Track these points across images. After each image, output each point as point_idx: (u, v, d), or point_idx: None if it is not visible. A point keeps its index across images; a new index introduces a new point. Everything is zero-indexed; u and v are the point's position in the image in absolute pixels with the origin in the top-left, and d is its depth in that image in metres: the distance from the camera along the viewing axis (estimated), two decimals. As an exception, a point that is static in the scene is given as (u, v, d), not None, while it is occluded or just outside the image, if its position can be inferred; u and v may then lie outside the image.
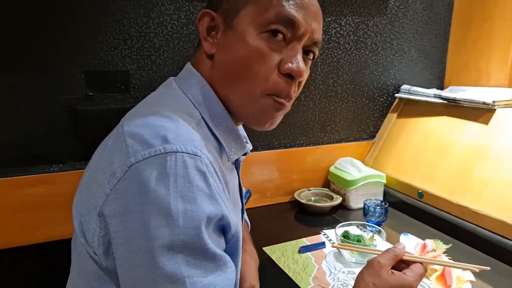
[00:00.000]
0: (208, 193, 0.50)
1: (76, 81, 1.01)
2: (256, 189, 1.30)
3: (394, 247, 0.65)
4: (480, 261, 0.99)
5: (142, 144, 0.50)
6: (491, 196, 1.04)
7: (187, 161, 0.49)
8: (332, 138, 1.41)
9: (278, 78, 0.60)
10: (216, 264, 0.51)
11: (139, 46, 1.06)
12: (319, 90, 1.34)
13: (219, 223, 0.53)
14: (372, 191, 1.31)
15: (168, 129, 0.51)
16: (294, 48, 0.60)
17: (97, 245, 0.52)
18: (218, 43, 0.62)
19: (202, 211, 0.49)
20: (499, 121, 1.13)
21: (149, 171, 0.48)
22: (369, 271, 0.62)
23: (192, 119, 0.58)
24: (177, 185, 0.48)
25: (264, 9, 0.58)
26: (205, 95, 0.62)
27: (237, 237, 0.59)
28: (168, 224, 0.47)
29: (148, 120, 0.53)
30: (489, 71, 1.40)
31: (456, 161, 1.17)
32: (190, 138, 0.52)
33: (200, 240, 0.49)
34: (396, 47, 1.44)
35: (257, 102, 0.61)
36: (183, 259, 0.47)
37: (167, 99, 0.62)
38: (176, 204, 0.47)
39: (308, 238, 1.09)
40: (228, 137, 0.65)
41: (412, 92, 1.41)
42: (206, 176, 0.50)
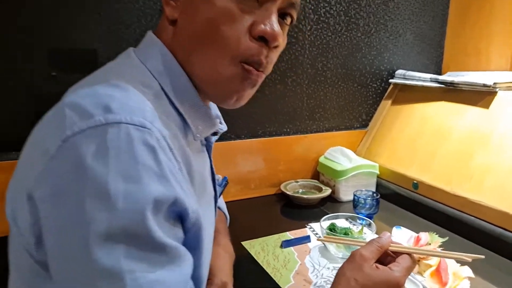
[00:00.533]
0: (157, 171, 0.42)
1: (38, 60, 0.92)
2: (239, 180, 1.21)
3: (379, 238, 0.57)
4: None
5: (81, 115, 0.42)
6: (493, 185, 0.95)
7: (133, 133, 0.41)
8: (322, 127, 1.32)
9: (250, 42, 0.51)
10: (167, 257, 0.43)
11: (108, 22, 0.97)
12: (307, 74, 1.25)
13: (173, 209, 0.45)
14: (363, 182, 1.22)
15: (114, 98, 0.43)
16: (268, 9, 0.52)
17: (28, 234, 0.43)
18: (181, 6, 0.53)
19: (148, 192, 0.41)
20: (500, 105, 1.04)
21: (86, 145, 0.40)
22: (351, 265, 0.55)
23: (148, 90, 0.50)
24: (119, 162, 0.40)
25: None
26: (167, 65, 0.54)
27: (199, 227, 0.50)
28: (105, 208, 0.39)
29: (93, 89, 0.45)
30: (489, 55, 1.31)
31: (454, 148, 1.08)
32: (140, 108, 0.44)
33: (145, 227, 0.41)
34: (391, 29, 1.35)
35: (224, 71, 0.52)
36: (124, 249, 0.39)
37: (121, 68, 0.54)
38: (116, 183, 0.39)
39: (292, 232, 1.00)
40: (194, 113, 0.56)
41: (407, 77, 1.32)
42: (156, 152, 0.42)
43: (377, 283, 0.52)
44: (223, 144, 1.16)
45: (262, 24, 0.51)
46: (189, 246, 0.51)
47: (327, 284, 0.77)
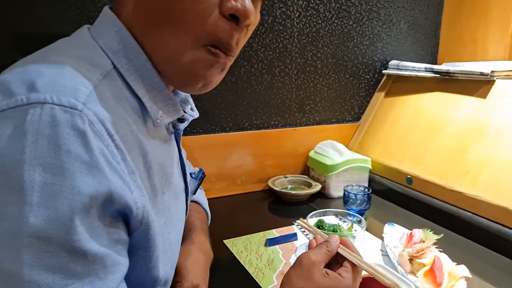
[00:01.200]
0: (87, 160, 0.36)
1: (2, 44, 0.86)
2: (224, 175, 1.15)
3: (327, 242, 0.54)
4: (477, 253, 0.85)
5: (4, 93, 0.37)
6: (490, 179, 0.89)
7: (59, 115, 0.36)
8: (312, 120, 1.27)
9: (219, 20, 0.45)
10: (88, 267, 0.36)
11: (80, 4, 0.91)
12: (296, 64, 1.19)
13: (109, 206, 0.39)
14: (355, 177, 1.17)
15: (43, 75, 0.38)
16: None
17: None
18: None
19: (72, 186, 0.35)
20: (498, 94, 0.98)
21: (2, 127, 0.35)
22: (298, 271, 0.51)
23: (96, 69, 0.43)
24: (37, 148, 0.34)
25: None
26: (123, 43, 0.47)
27: (147, 225, 0.45)
28: (16, 202, 0.34)
29: (27, 66, 0.40)
30: (486, 44, 1.26)
31: (449, 141, 1.03)
32: (72, 87, 0.38)
33: (64, 229, 0.35)
34: (384, 18, 1.29)
35: (187, 54, 0.47)
36: (31, 254, 0.34)
37: (68, 45, 0.48)
38: (32, 174, 0.34)
39: (278, 230, 0.94)
40: (154, 96, 0.50)
41: (401, 67, 1.26)
42: (87, 137, 0.37)
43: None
44: (207, 137, 1.11)
45: (233, 1, 0.45)
46: (137, 245, 0.46)
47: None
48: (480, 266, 0.79)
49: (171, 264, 0.56)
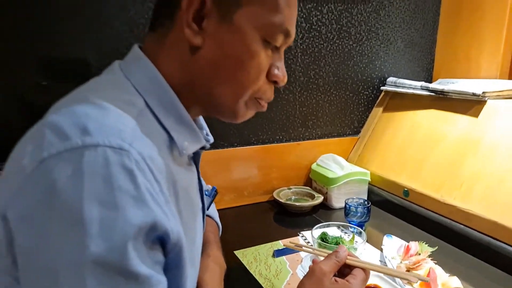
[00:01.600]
0: (135, 195, 0.42)
1: (28, 69, 0.92)
2: (232, 188, 1.21)
3: (337, 252, 0.61)
4: (469, 264, 0.91)
5: (59, 136, 0.42)
6: (481, 193, 0.96)
7: (110, 157, 0.41)
8: (314, 134, 1.33)
9: (266, 84, 0.58)
10: (138, 286, 0.42)
11: (99, 31, 0.97)
12: (299, 82, 1.26)
13: (153, 233, 0.44)
14: (355, 189, 1.23)
15: (92, 118, 0.43)
16: (280, 54, 0.58)
17: (5, 255, 0.43)
18: (206, 34, 0.53)
19: (124, 218, 0.40)
20: (489, 114, 1.05)
21: (61, 168, 0.40)
22: (310, 280, 0.57)
23: (131, 108, 0.49)
24: (94, 187, 0.39)
25: (270, 14, 0.54)
26: (153, 81, 0.54)
27: (180, 247, 0.50)
28: (77, 234, 0.39)
29: (73, 108, 0.44)
30: (479, 62, 1.33)
31: (444, 156, 1.09)
32: (118, 129, 0.43)
33: (120, 256, 0.40)
34: (382, 37, 1.36)
35: (242, 102, 0.58)
36: (93, 279, 0.39)
37: (104, 85, 0.54)
38: (91, 209, 0.39)
39: (285, 241, 1.00)
40: (180, 129, 0.56)
41: (398, 84, 1.33)
42: (134, 175, 0.42)
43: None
44: (216, 152, 1.17)
45: (276, 69, 0.57)
46: (171, 265, 0.51)
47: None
48: (472, 276, 0.86)
49: (195, 278, 0.63)
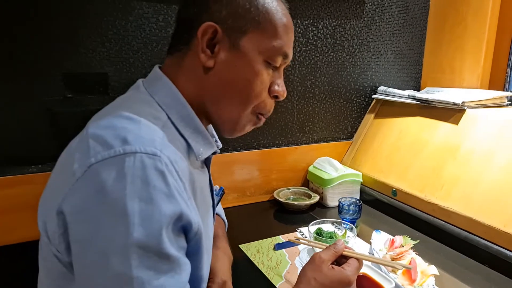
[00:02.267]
0: (166, 192, 0.51)
1: (55, 83, 1.03)
2: (236, 188, 1.32)
3: (335, 244, 0.70)
4: (448, 255, 1.02)
5: (103, 145, 0.51)
6: (460, 194, 1.07)
7: (146, 161, 0.50)
8: (311, 138, 1.44)
9: (268, 99, 0.67)
10: (170, 266, 0.52)
11: (118, 48, 1.08)
12: (297, 91, 1.37)
13: (179, 223, 0.54)
14: (349, 189, 1.34)
15: (129, 131, 0.52)
16: (280, 72, 0.68)
17: (58, 242, 0.53)
18: (217, 58, 0.64)
19: (159, 210, 0.50)
20: (468, 122, 1.17)
21: (107, 171, 0.49)
22: (310, 266, 0.66)
23: (157, 121, 0.60)
24: (134, 186, 0.49)
25: (271, 40, 0.64)
26: (173, 98, 0.64)
27: (199, 235, 0.60)
28: (123, 224, 0.48)
29: (112, 122, 0.54)
30: (462, 73, 1.45)
31: (428, 160, 1.21)
32: (151, 139, 0.53)
33: (156, 240, 0.50)
34: (373, 50, 1.47)
35: (245, 118, 0.67)
36: (136, 259, 0.48)
37: (133, 102, 0.64)
38: (133, 204, 0.48)
39: (284, 236, 1.12)
40: (196, 138, 0.67)
41: (388, 93, 1.44)
42: (165, 176, 0.52)
43: (333, 281, 0.64)
44: (222, 156, 1.28)
45: (276, 86, 0.67)
46: (191, 251, 0.60)
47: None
48: (450, 265, 0.97)
49: (208, 265, 0.74)
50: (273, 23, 0.64)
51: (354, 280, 0.65)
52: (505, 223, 0.94)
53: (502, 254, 0.93)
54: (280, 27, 0.64)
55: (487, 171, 1.04)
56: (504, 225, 0.94)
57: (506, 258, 0.92)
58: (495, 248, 0.95)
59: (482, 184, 1.04)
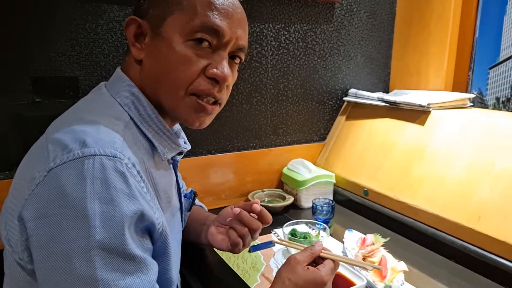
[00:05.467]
0: (128, 192, 0.51)
1: (23, 87, 1.00)
2: (210, 191, 1.33)
3: (312, 246, 0.70)
4: (416, 251, 1.06)
5: (62, 150, 0.51)
6: (426, 192, 1.12)
7: (106, 163, 0.50)
8: (285, 141, 1.47)
9: (202, 80, 0.64)
10: (136, 266, 0.52)
11: (88, 52, 1.06)
12: (270, 94, 1.39)
13: (142, 223, 0.54)
14: (322, 190, 1.37)
15: (88, 134, 0.53)
16: (220, 54, 0.64)
17: (20, 250, 0.52)
18: (146, 49, 0.64)
19: (120, 211, 0.50)
20: (433, 122, 1.22)
21: (67, 175, 0.49)
22: (286, 268, 0.67)
23: (119, 122, 0.60)
24: (94, 188, 0.49)
25: (190, 18, 0.61)
26: (134, 98, 0.64)
27: (165, 237, 0.60)
28: (84, 227, 0.48)
29: (71, 126, 0.54)
30: (427, 76, 1.51)
31: (396, 160, 1.25)
32: (110, 141, 0.53)
33: (119, 241, 0.50)
34: (343, 53, 1.51)
35: (182, 101, 0.64)
36: (100, 261, 0.48)
37: (94, 104, 0.64)
38: (93, 206, 0.48)
39: (259, 238, 1.12)
40: (160, 137, 0.67)
41: (358, 95, 1.49)
42: (126, 177, 0.52)
43: (307, 281, 0.64)
44: (196, 159, 1.28)
45: (215, 68, 0.63)
46: (158, 253, 0.61)
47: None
48: (418, 261, 1.01)
49: (177, 268, 0.74)
50: (191, 1, 0.62)
51: (328, 281, 0.66)
52: (468, 219, 0.99)
53: (466, 249, 0.98)
54: (199, 3, 0.62)
55: (451, 170, 1.09)
56: (468, 221, 0.99)
57: (470, 252, 0.97)
58: (459, 243, 1.00)
59: (447, 182, 1.09)
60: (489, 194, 0.98)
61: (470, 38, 1.45)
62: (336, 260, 0.70)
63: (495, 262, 0.92)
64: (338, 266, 0.71)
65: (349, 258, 0.76)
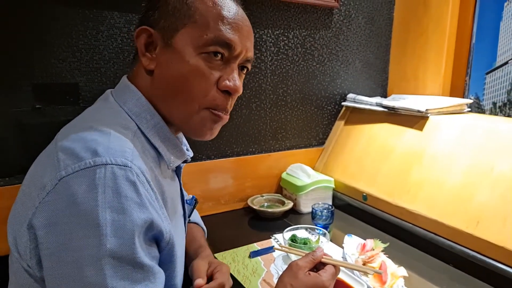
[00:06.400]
0: (138, 202, 0.52)
1: (24, 94, 1.00)
2: (210, 197, 1.33)
3: (314, 252, 0.71)
4: (415, 256, 1.07)
5: (73, 158, 0.51)
6: (425, 197, 1.13)
7: (117, 172, 0.51)
8: (283, 146, 1.47)
9: (216, 93, 0.64)
10: (144, 275, 0.52)
11: (89, 58, 1.06)
12: (269, 99, 1.40)
13: (151, 233, 0.55)
14: (321, 195, 1.38)
15: (99, 143, 0.53)
16: (231, 67, 0.65)
17: (29, 257, 0.52)
18: (157, 59, 0.64)
19: (131, 220, 0.50)
20: (431, 128, 1.23)
21: (78, 184, 0.49)
22: (288, 273, 0.67)
23: (127, 132, 0.60)
24: (105, 196, 0.49)
25: (203, 31, 0.62)
26: (142, 108, 0.65)
27: (172, 245, 0.61)
28: (95, 235, 0.48)
29: (81, 135, 0.55)
30: (425, 81, 1.52)
31: (395, 165, 1.26)
32: (121, 150, 0.54)
33: (129, 250, 0.50)
34: (342, 59, 1.52)
35: (196, 116, 0.65)
36: (110, 269, 0.49)
37: (103, 113, 0.64)
38: (104, 214, 0.49)
39: (259, 243, 1.13)
40: (167, 146, 0.67)
41: (357, 100, 1.50)
42: (137, 186, 0.52)
43: (309, 286, 0.65)
44: (196, 165, 1.28)
45: (227, 80, 0.64)
46: (164, 261, 0.61)
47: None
48: (418, 266, 1.02)
49: (182, 274, 0.74)
50: (204, 15, 0.62)
51: (329, 286, 0.67)
52: (467, 225, 0.99)
53: (465, 254, 0.99)
54: (212, 17, 0.62)
55: (449, 175, 1.10)
56: (467, 226, 0.99)
57: (469, 257, 0.98)
58: (458, 248, 1.00)
59: (445, 187, 1.10)
60: (488, 199, 0.99)
61: (467, 44, 1.46)
62: (337, 265, 0.71)
63: (494, 267, 0.92)
64: (339, 271, 0.71)
65: (350, 263, 0.76)
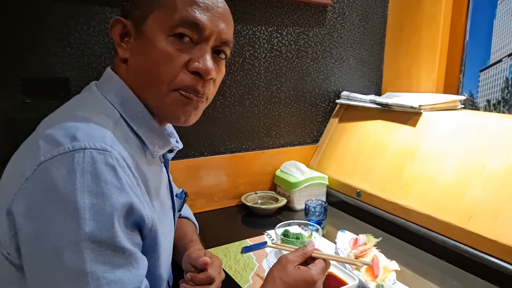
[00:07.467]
0: (118, 186, 0.52)
1: (13, 88, 0.99)
2: (203, 193, 1.32)
3: (305, 246, 0.70)
4: (408, 251, 1.07)
5: (52, 144, 0.51)
6: (418, 193, 1.12)
7: (96, 156, 0.51)
8: (277, 143, 1.47)
9: (185, 75, 0.63)
10: (126, 260, 0.52)
11: (79, 53, 1.06)
12: (263, 96, 1.39)
13: (132, 218, 0.54)
14: (315, 192, 1.37)
15: (79, 128, 0.53)
16: (201, 48, 0.64)
17: (8, 244, 0.52)
18: (131, 48, 0.65)
19: (110, 204, 0.50)
20: (424, 124, 1.23)
21: (57, 169, 0.49)
22: (277, 267, 0.67)
23: (109, 119, 0.60)
24: (84, 181, 0.49)
25: (169, 14, 0.62)
26: (123, 96, 0.65)
27: (155, 232, 0.60)
28: (74, 219, 0.48)
29: (62, 122, 0.54)
30: (419, 78, 1.52)
31: (388, 161, 1.26)
32: (101, 136, 0.54)
33: (108, 233, 0.50)
34: (336, 56, 1.52)
35: (166, 98, 0.64)
36: (89, 253, 0.48)
37: (85, 102, 0.65)
38: (83, 198, 0.48)
39: (252, 239, 1.13)
40: (150, 135, 0.67)
41: (351, 98, 1.49)
42: (116, 170, 0.52)
43: (297, 280, 0.64)
44: (189, 161, 1.28)
45: (197, 62, 0.63)
46: (148, 249, 0.61)
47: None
48: (411, 261, 1.01)
49: (168, 266, 0.73)
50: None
51: (319, 280, 0.66)
52: (459, 219, 0.99)
53: (458, 248, 0.98)
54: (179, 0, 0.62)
55: (442, 171, 1.10)
56: (459, 221, 0.99)
57: (462, 252, 0.97)
58: (451, 243, 1.00)
59: (438, 182, 1.09)
60: (480, 194, 0.99)
61: (461, 42, 1.46)
62: (328, 259, 0.70)
63: (486, 261, 0.92)
64: (329, 265, 0.71)
65: (341, 257, 0.76)
